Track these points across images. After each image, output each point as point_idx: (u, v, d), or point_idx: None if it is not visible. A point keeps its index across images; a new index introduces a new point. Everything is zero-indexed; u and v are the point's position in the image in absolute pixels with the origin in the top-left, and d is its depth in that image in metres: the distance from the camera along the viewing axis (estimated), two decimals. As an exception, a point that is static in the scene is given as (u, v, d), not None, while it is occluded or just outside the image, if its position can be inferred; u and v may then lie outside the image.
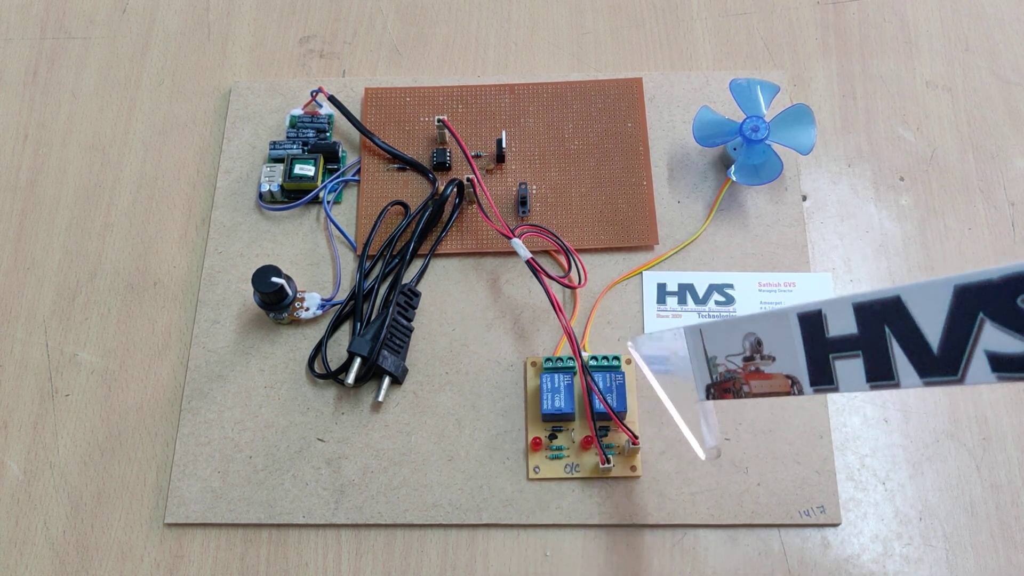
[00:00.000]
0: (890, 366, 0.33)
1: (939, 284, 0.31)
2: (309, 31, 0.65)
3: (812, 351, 0.36)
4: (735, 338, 0.40)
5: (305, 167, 0.58)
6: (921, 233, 0.57)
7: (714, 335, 0.41)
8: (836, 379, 0.35)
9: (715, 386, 0.42)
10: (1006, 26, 0.64)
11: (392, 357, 0.52)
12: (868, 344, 0.34)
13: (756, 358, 0.39)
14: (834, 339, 0.35)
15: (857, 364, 0.35)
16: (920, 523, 0.50)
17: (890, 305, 0.33)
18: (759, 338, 0.39)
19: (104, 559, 0.50)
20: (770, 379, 0.38)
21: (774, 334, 0.38)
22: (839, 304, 0.35)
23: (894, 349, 0.33)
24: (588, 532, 0.50)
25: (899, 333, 0.33)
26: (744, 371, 0.40)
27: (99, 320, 0.56)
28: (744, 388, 0.40)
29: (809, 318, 0.36)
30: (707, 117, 0.57)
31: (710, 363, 0.42)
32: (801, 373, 0.37)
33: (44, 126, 0.63)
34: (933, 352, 0.32)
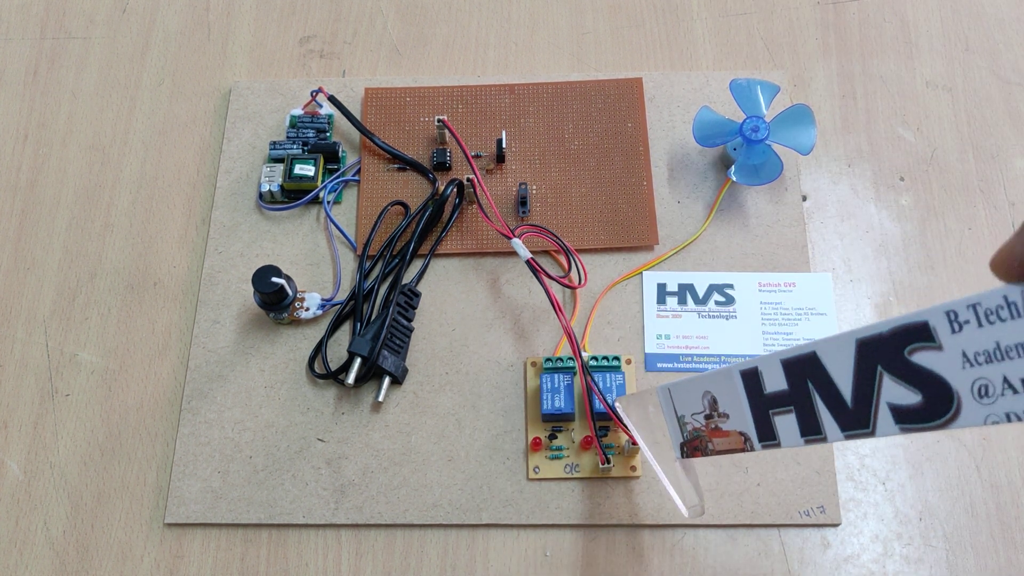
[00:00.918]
0: (817, 421, 0.34)
1: (844, 338, 0.32)
2: (309, 31, 0.65)
3: (755, 407, 0.37)
4: (696, 396, 0.40)
5: (305, 167, 0.58)
6: (921, 233, 0.57)
7: (680, 394, 0.42)
8: (777, 435, 0.36)
9: (686, 444, 0.42)
10: (1006, 26, 0.64)
11: (392, 357, 0.52)
12: (797, 400, 0.35)
13: (714, 416, 0.39)
14: (770, 395, 0.36)
15: (791, 420, 0.35)
16: (920, 523, 0.50)
17: (808, 361, 0.34)
18: (714, 396, 0.39)
19: (104, 559, 0.50)
20: (727, 436, 0.39)
21: (725, 392, 0.38)
22: (770, 361, 0.36)
23: (818, 404, 0.34)
24: (588, 532, 0.50)
25: (820, 388, 0.34)
26: (707, 429, 0.40)
27: (99, 320, 0.56)
28: (709, 446, 0.40)
29: (749, 375, 0.37)
30: (707, 117, 0.57)
31: (680, 421, 0.42)
32: (750, 429, 0.37)
33: (44, 126, 0.63)
34: (848, 406, 0.33)
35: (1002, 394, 0.28)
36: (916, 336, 0.30)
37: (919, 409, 0.30)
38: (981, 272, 0.56)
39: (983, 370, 0.28)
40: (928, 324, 0.29)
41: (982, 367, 0.28)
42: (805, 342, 0.35)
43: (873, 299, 0.55)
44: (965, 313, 0.28)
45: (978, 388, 0.29)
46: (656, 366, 0.53)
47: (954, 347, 0.29)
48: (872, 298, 0.55)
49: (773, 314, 0.54)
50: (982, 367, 0.28)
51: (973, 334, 0.28)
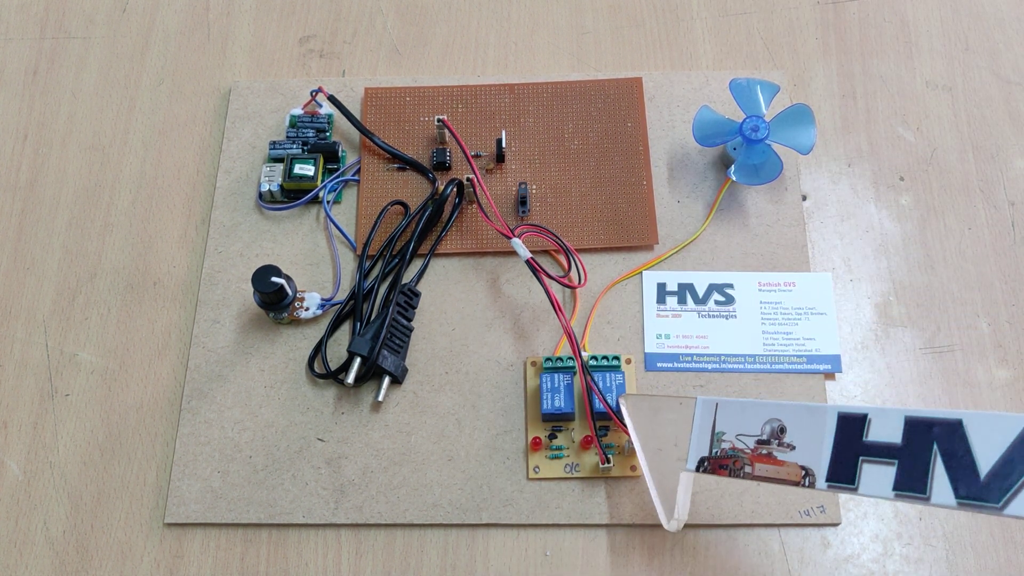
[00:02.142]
0: (925, 481, 0.34)
1: (1009, 420, 0.33)
2: (309, 31, 0.65)
3: (841, 450, 0.37)
4: (756, 420, 0.41)
5: (305, 167, 0.58)
6: (921, 233, 0.57)
7: (731, 412, 0.42)
8: (858, 481, 0.37)
9: (711, 460, 0.42)
10: (1006, 26, 0.64)
11: (392, 357, 0.52)
12: (908, 456, 0.35)
13: (773, 443, 0.40)
14: (871, 444, 0.36)
15: (888, 471, 0.36)
16: (920, 523, 0.50)
17: (949, 426, 0.34)
18: (784, 425, 0.40)
19: (104, 559, 0.50)
20: (781, 466, 0.39)
21: (803, 425, 0.39)
22: (889, 413, 0.36)
23: (936, 467, 0.34)
24: (588, 532, 0.50)
25: (948, 453, 0.34)
26: (753, 453, 0.41)
27: (99, 320, 0.56)
28: (745, 468, 0.41)
29: (850, 419, 0.37)
30: (707, 117, 0.57)
31: (715, 437, 0.42)
32: (819, 467, 0.38)
33: (44, 126, 0.63)
34: (979, 479, 0.33)
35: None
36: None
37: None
38: (981, 272, 0.56)
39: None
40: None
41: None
42: (950, 411, 0.35)
43: (873, 299, 0.55)
44: None
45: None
46: (656, 366, 0.53)
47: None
48: (872, 298, 0.55)
49: (773, 314, 0.54)
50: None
51: None
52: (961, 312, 0.55)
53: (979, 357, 0.54)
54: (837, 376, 0.53)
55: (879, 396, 0.53)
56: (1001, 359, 0.53)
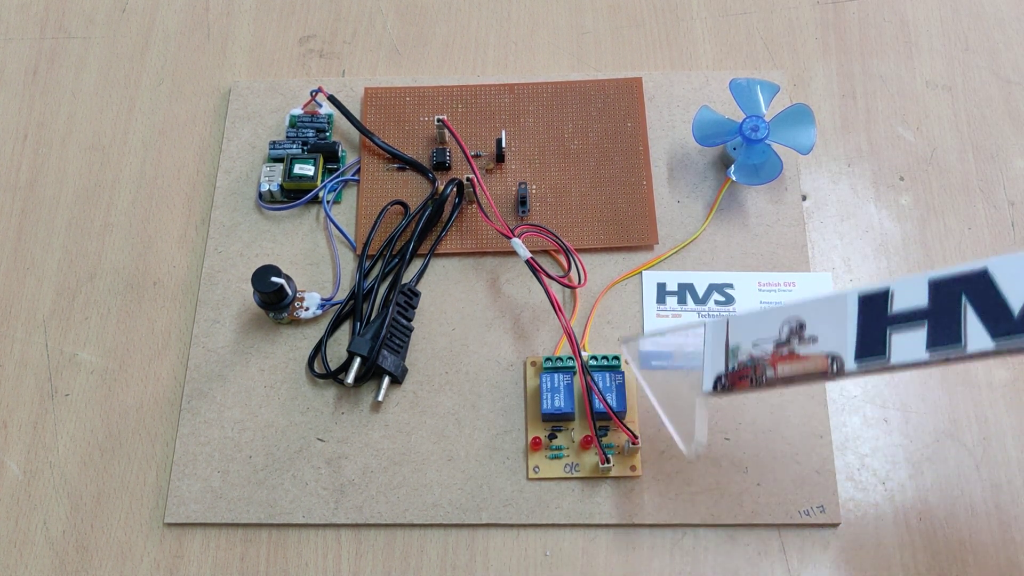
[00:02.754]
0: (958, 332, 0.35)
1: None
2: (309, 31, 0.65)
3: (867, 328, 0.38)
4: (772, 325, 0.41)
5: (305, 167, 0.58)
6: (921, 233, 0.57)
7: (744, 324, 0.42)
8: (889, 352, 0.37)
9: (730, 375, 0.42)
10: (1006, 26, 0.64)
11: (392, 357, 0.52)
12: (938, 313, 0.36)
13: (793, 341, 0.40)
14: (897, 314, 0.37)
15: (918, 335, 0.36)
16: (920, 523, 0.50)
17: (974, 278, 0.35)
18: (803, 321, 0.40)
19: (104, 559, 0.50)
20: (804, 360, 0.40)
21: (823, 316, 0.39)
22: (912, 281, 0.37)
23: (967, 316, 0.35)
24: (588, 532, 0.50)
25: (978, 301, 0.35)
26: (774, 355, 0.41)
27: (99, 320, 0.56)
28: (767, 373, 0.41)
29: (872, 297, 0.38)
30: (707, 117, 0.57)
31: (730, 353, 0.42)
32: (846, 350, 0.38)
33: (44, 126, 0.63)
34: (1013, 315, 0.34)
35: None
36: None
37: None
38: (981, 272, 0.56)
39: None
40: None
41: None
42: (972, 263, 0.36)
43: (873, 299, 0.55)
44: None
45: None
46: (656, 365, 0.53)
47: None
48: (872, 298, 0.55)
49: (773, 314, 0.54)
50: None
51: None
52: (961, 312, 0.55)
53: (979, 357, 0.53)
54: (837, 376, 0.53)
55: (879, 396, 0.53)
56: (1001, 359, 0.53)
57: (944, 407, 0.52)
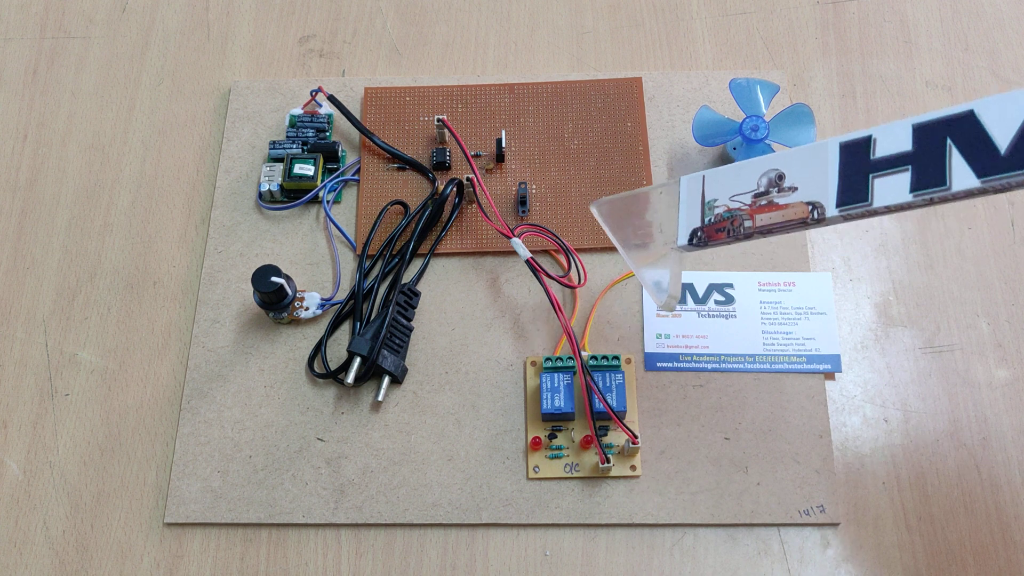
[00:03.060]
0: (943, 173, 0.35)
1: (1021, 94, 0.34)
2: (309, 31, 0.65)
3: (848, 175, 0.38)
4: (750, 177, 0.41)
5: (305, 167, 0.58)
6: (921, 233, 0.57)
7: (722, 177, 0.42)
8: (871, 195, 0.37)
9: (706, 228, 0.42)
10: (1006, 26, 0.64)
11: (392, 357, 0.52)
12: (921, 157, 0.36)
13: (772, 192, 0.40)
14: (880, 159, 0.37)
15: (902, 178, 0.36)
16: (920, 523, 0.50)
17: (959, 120, 0.35)
18: (781, 172, 0.40)
19: (104, 559, 0.50)
20: (783, 209, 0.40)
21: (803, 165, 0.39)
22: (894, 127, 0.37)
23: (952, 158, 0.35)
24: (588, 532, 0.50)
25: (963, 142, 0.35)
26: (752, 207, 0.41)
27: (99, 320, 0.56)
28: (744, 224, 0.41)
29: (853, 145, 0.38)
30: (707, 117, 0.57)
31: (706, 207, 0.42)
32: (827, 197, 0.38)
33: (44, 126, 0.63)
34: (1000, 152, 0.34)
35: None
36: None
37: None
38: (981, 272, 0.56)
39: None
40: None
41: None
42: (958, 106, 0.36)
43: (873, 299, 0.55)
44: None
45: None
46: (656, 365, 0.53)
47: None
48: (872, 298, 0.55)
49: (773, 313, 0.54)
50: None
51: None
52: (961, 312, 0.55)
53: (979, 357, 0.54)
54: (837, 376, 0.53)
55: (879, 396, 0.53)
56: (1001, 359, 0.53)
57: (944, 407, 0.52)
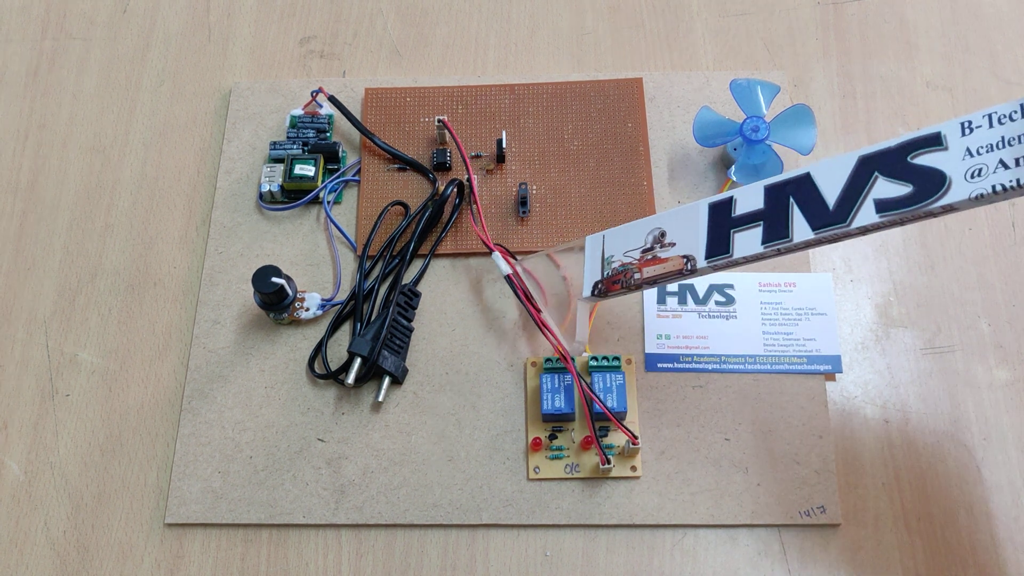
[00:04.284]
0: (786, 227, 0.42)
1: (844, 158, 0.40)
2: (309, 32, 0.65)
3: (714, 230, 0.44)
4: (639, 235, 0.48)
5: (305, 167, 0.58)
6: (921, 233, 0.57)
7: (617, 237, 0.49)
8: (732, 248, 0.43)
9: (604, 281, 0.49)
10: (1006, 26, 0.64)
11: (392, 357, 0.52)
12: (770, 214, 0.42)
13: (656, 247, 0.46)
14: (739, 216, 0.43)
15: (755, 232, 0.43)
16: (920, 523, 0.50)
17: (799, 180, 0.41)
18: (663, 230, 0.46)
19: (104, 559, 0.50)
20: (665, 262, 0.46)
21: (680, 224, 0.46)
22: (750, 188, 0.43)
23: (793, 214, 0.41)
24: (588, 532, 0.50)
25: (801, 200, 0.41)
26: (640, 261, 0.47)
27: (99, 320, 0.56)
28: (634, 276, 0.47)
29: (719, 204, 0.44)
30: (707, 117, 0.57)
31: (605, 263, 0.49)
32: (698, 251, 0.45)
33: (44, 127, 0.63)
34: (828, 208, 0.40)
35: (993, 172, 0.35)
36: (925, 144, 0.38)
37: (907, 197, 0.38)
38: (981, 272, 0.56)
39: (981, 159, 0.36)
40: (940, 133, 0.37)
41: (980, 157, 0.36)
42: (798, 169, 0.42)
43: (873, 299, 0.55)
44: (979, 120, 0.36)
45: (971, 172, 0.36)
46: (656, 366, 0.53)
47: (959, 146, 0.37)
48: (872, 298, 0.55)
49: (773, 314, 0.54)
50: (980, 157, 0.36)
51: (982, 134, 0.36)
52: (961, 312, 0.55)
53: (979, 357, 0.54)
54: (837, 376, 0.53)
55: (879, 397, 0.53)
56: (1001, 359, 0.53)
57: (944, 407, 0.52)
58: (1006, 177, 0.35)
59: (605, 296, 0.49)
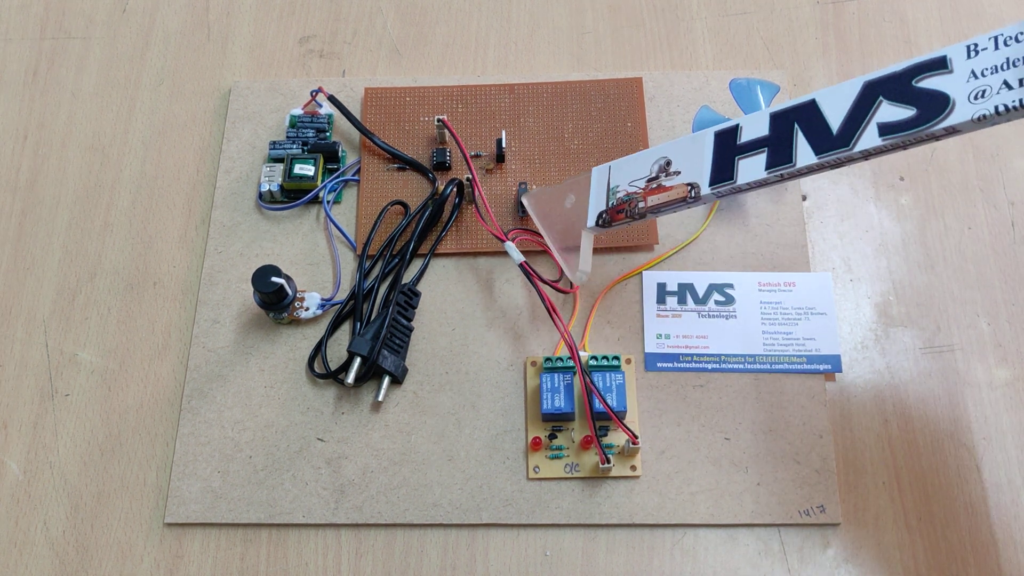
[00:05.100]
0: (790, 153, 0.42)
1: (849, 83, 0.41)
2: (309, 31, 0.65)
3: (719, 158, 0.45)
4: (644, 165, 0.48)
5: (305, 167, 0.58)
6: (921, 233, 0.57)
7: (623, 166, 0.49)
8: (736, 175, 0.44)
9: (609, 211, 0.49)
10: (1006, 26, 0.64)
11: (392, 357, 0.52)
12: (775, 140, 0.43)
13: (661, 176, 0.47)
14: (744, 144, 0.44)
15: (759, 159, 0.43)
16: (920, 523, 0.50)
17: (804, 106, 0.42)
18: (669, 159, 0.47)
19: (104, 559, 0.50)
20: (669, 191, 0.46)
21: (686, 153, 0.46)
22: (756, 116, 0.44)
23: (797, 139, 0.42)
24: (588, 532, 0.50)
25: (806, 126, 0.42)
26: (645, 190, 0.48)
27: (99, 320, 0.56)
28: (638, 205, 0.48)
29: (725, 133, 0.45)
30: (707, 117, 0.57)
31: (611, 193, 0.49)
32: (703, 178, 0.45)
33: (44, 126, 0.63)
34: (832, 133, 0.41)
35: (997, 93, 0.36)
36: (930, 68, 0.38)
37: (910, 120, 0.38)
38: (981, 272, 0.56)
39: (985, 81, 0.37)
40: (946, 57, 0.38)
41: (985, 79, 0.37)
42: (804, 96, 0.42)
43: (873, 298, 0.55)
44: (985, 43, 0.37)
45: (975, 93, 0.37)
46: (656, 366, 0.53)
47: (964, 69, 0.37)
48: (872, 297, 0.55)
49: (773, 314, 0.54)
50: (985, 79, 0.37)
51: (987, 56, 0.37)
52: (961, 312, 0.55)
53: (979, 357, 0.54)
54: (837, 376, 0.53)
55: (879, 396, 0.53)
56: (1001, 359, 0.53)
57: (944, 407, 0.52)
58: (1009, 98, 0.36)
59: (609, 226, 0.49)
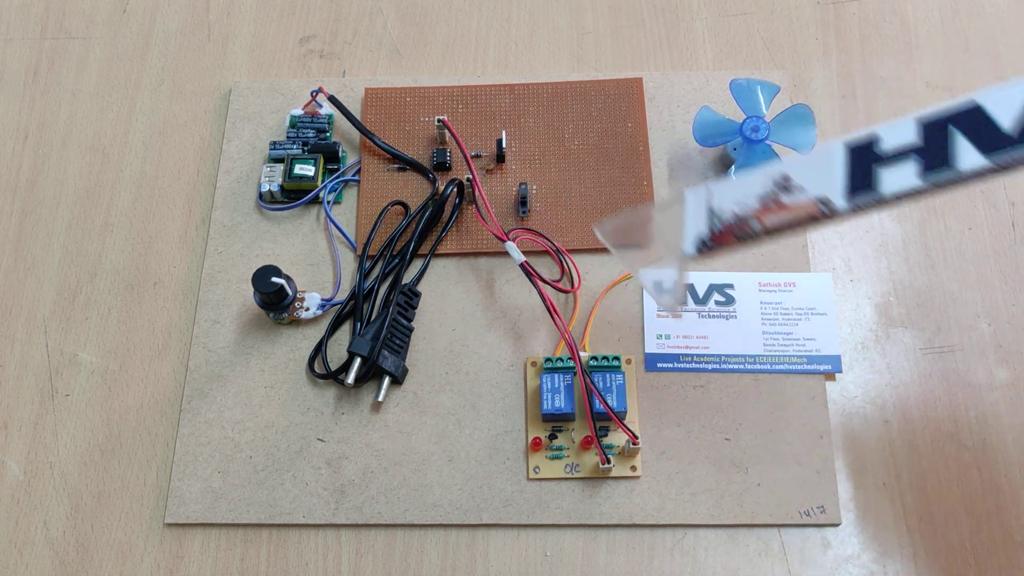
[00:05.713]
0: (946, 156, 0.36)
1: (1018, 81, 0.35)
2: (309, 31, 0.65)
3: (855, 170, 0.39)
4: (757, 182, 0.42)
5: (305, 167, 0.58)
6: (921, 233, 0.57)
7: (727, 187, 0.43)
8: (878, 185, 0.38)
9: (713, 235, 0.43)
10: (1007, 26, 0.64)
11: (392, 357, 0.52)
12: (926, 147, 0.37)
13: (779, 193, 0.41)
14: (886, 153, 0.38)
15: (908, 166, 0.37)
16: (920, 523, 0.50)
17: (965, 110, 0.36)
18: (787, 175, 0.41)
19: (104, 559, 0.50)
20: (792, 208, 0.40)
21: (809, 168, 0.40)
22: (899, 124, 0.38)
23: (956, 143, 0.36)
24: (588, 532, 0.50)
25: (967, 128, 0.36)
26: (759, 210, 0.41)
27: (99, 320, 0.56)
28: (752, 226, 0.42)
29: (859, 145, 0.39)
30: (707, 117, 0.57)
31: (713, 215, 0.43)
32: (835, 191, 0.39)
33: (44, 126, 0.63)
34: (1005, 132, 0.35)
35: None
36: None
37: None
38: (981, 272, 0.56)
39: None
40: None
41: None
42: (961, 98, 0.37)
43: (873, 299, 0.55)
44: None
45: None
46: (656, 366, 0.53)
47: None
48: (872, 298, 0.55)
49: (773, 314, 0.54)
50: None
51: None
52: (961, 312, 0.55)
53: (979, 357, 0.54)
54: (837, 376, 0.53)
55: (879, 396, 0.53)
56: (1001, 359, 0.53)
57: (944, 408, 0.52)
58: None
59: (712, 251, 0.44)
